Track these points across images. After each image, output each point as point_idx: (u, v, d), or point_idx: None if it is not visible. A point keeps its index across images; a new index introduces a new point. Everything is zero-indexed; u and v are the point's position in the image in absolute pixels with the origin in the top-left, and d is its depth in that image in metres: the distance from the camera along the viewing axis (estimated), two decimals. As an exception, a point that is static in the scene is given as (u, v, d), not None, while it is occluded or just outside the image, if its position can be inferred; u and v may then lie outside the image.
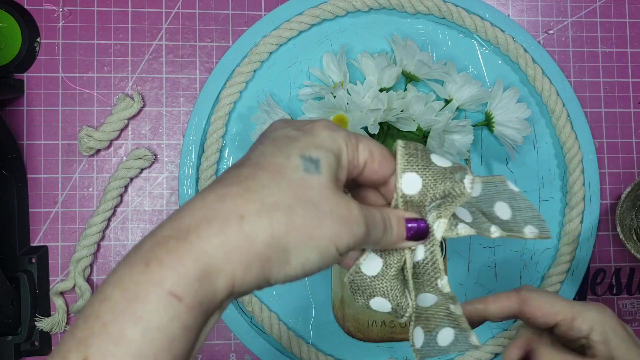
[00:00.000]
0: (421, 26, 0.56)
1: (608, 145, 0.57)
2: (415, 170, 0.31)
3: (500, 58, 0.56)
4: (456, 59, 0.55)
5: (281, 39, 0.54)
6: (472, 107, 0.53)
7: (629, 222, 0.55)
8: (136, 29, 0.54)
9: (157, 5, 0.54)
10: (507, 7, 0.58)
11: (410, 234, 0.30)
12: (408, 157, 0.31)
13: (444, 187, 0.31)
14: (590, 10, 0.58)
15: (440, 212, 0.31)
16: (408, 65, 0.51)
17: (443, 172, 0.31)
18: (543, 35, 0.58)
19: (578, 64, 0.57)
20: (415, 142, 0.32)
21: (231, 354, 0.53)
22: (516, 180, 0.55)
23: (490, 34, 0.55)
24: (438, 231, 0.31)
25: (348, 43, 0.54)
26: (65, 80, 0.53)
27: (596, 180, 0.55)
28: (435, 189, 0.31)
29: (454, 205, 0.31)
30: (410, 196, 0.31)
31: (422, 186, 0.31)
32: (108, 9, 0.54)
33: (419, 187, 0.31)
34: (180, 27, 0.54)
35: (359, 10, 0.55)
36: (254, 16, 0.55)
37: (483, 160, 0.55)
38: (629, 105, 0.58)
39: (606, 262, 0.56)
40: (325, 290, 0.53)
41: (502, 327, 0.54)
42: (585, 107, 0.57)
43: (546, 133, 0.56)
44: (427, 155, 0.31)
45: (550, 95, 0.55)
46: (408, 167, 0.31)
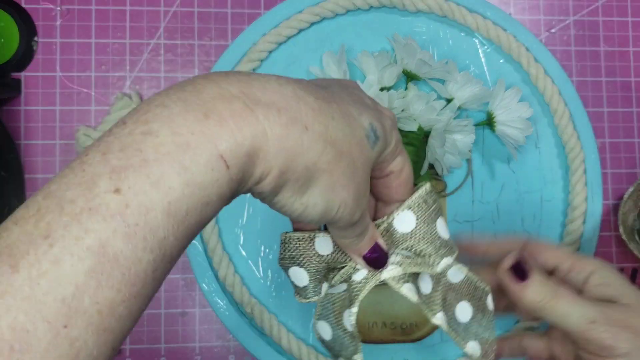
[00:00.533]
0: (422, 25, 0.55)
1: (610, 145, 0.57)
2: (417, 216, 0.31)
3: (501, 57, 0.55)
4: (457, 57, 0.55)
5: (281, 38, 0.53)
6: (473, 106, 0.52)
7: (631, 222, 0.55)
8: (134, 27, 0.54)
9: (155, 4, 0.54)
10: (508, 5, 0.57)
11: (369, 256, 0.30)
12: (422, 201, 0.31)
13: (423, 249, 0.31)
14: (592, 9, 0.58)
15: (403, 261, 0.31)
16: (409, 64, 0.51)
17: (434, 238, 0.31)
18: (545, 34, 0.57)
19: (580, 63, 0.57)
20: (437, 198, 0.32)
21: (230, 355, 0.52)
22: (518, 181, 0.54)
23: (491, 33, 0.54)
24: (387, 273, 0.31)
25: (348, 42, 0.54)
26: (63, 80, 0.53)
27: (598, 181, 0.55)
28: (417, 245, 0.31)
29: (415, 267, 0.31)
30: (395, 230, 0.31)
31: (409, 232, 0.31)
32: (106, 8, 0.54)
33: (407, 231, 0.31)
34: (179, 26, 0.54)
35: (359, 8, 0.54)
36: (253, 14, 0.55)
37: (485, 159, 0.54)
38: (631, 105, 0.57)
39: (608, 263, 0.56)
40: (325, 291, 0.52)
41: (504, 329, 0.54)
42: (588, 106, 0.56)
43: (548, 133, 0.55)
44: (436, 217, 0.31)
45: (552, 95, 0.54)
46: (415, 208, 0.31)
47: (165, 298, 0.52)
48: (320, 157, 0.23)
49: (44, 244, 0.19)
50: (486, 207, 0.54)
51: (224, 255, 0.51)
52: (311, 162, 0.23)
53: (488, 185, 0.54)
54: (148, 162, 0.20)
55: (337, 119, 0.24)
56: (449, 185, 0.54)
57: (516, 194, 0.54)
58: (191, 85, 0.22)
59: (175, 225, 0.20)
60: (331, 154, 0.24)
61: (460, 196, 0.54)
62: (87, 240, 0.19)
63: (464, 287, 0.34)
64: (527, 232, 0.54)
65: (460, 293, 0.34)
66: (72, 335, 0.19)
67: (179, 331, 0.52)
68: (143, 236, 0.20)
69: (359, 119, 0.26)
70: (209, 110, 0.21)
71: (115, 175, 0.20)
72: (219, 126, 0.21)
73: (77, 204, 0.19)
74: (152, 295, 0.21)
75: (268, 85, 0.23)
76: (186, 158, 0.20)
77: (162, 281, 0.21)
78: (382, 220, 0.31)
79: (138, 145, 0.20)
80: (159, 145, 0.20)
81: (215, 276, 0.51)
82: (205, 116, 0.21)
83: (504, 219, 0.54)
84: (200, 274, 0.51)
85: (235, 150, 0.21)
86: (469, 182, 0.54)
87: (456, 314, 0.34)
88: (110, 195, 0.19)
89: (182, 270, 0.52)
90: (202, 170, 0.20)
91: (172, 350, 0.52)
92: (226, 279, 0.51)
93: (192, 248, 0.51)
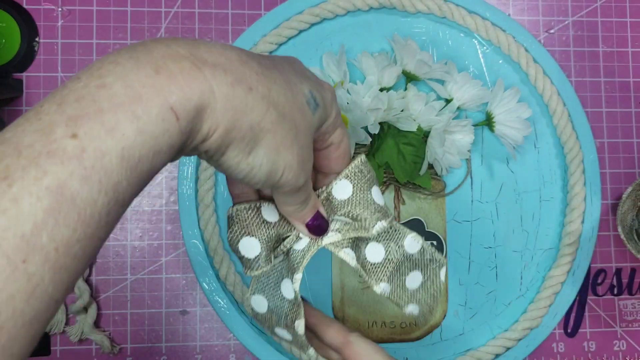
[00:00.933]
0: (421, 25, 0.55)
1: (609, 145, 0.57)
2: (353, 184, 0.33)
3: (501, 57, 0.56)
4: (457, 58, 0.55)
5: (281, 38, 0.53)
6: (472, 106, 0.52)
7: (630, 222, 0.55)
8: (135, 28, 0.54)
9: (156, 5, 0.54)
10: (507, 6, 0.57)
11: (311, 223, 0.32)
12: (358, 171, 0.33)
13: (359, 213, 0.33)
14: (591, 9, 0.58)
15: (342, 228, 0.34)
16: (408, 65, 0.51)
17: (369, 203, 0.33)
18: (544, 35, 0.57)
19: (579, 64, 0.57)
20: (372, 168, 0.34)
21: (231, 354, 0.52)
22: (517, 180, 0.55)
23: (491, 34, 0.55)
24: (327, 239, 0.34)
25: (348, 42, 0.54)
26: (64, 80, 0.53)
27: (597, 180, 0.55)
28: (353, 210, 0.33)
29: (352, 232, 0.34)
30: (333, 198, 0.33)
31: (346, 199, 0.33)
32: (107, 9, 0.54)
33: (344, 198, 0.33)
34: (180, 27, 0.54)
35: (359, 9, 0.54)
36: (253, 15, 0.55)
37: (484, 160, 0.55)
38: (630, 105, 0.57)
39: (607, 263, 0.56)
40: (325, 290, 0.53)
41: (503, 328, 0.54)
42: (586, 106, 0.57)
43: (547, 133, 0.56)
44: (371, 185, 0.34)
45: (551, 95, 0.55)
46: (351, 177, 0.33)
47: (166, 297, 0.52)
48: (264, 117, 0.25)
49: (3, 184, 0.19)
50: (485, 207, 0.54)
51: (224, 254, 0.52)
52: (255, 121, 0.24)
53: (487, 185, 0.55)
54: (103, 111, 0.21)
55: (279, 83, 0.26)
56: (448, 185, 0.54)
57: (515, 194, 0.55)
58: (142, 46, 0.23)
59: (129, 170, 0.21)
60: (274, 115, 0.25)
61: (460, 196, 0.54)
62: (45, 181, 0.20)
63: (419, 258, 0.36)
64: (526, 232, 0.55)
65: (414, 263, 0.36)
66: (30, 271, 0.19)
67: (180, 330, 0.52)
68: (98, 179, 0.21)
69: (300, 86, 0.27)
70: (159, 67, 0.22)
71: (71, 122, 0.21)
72: (169, 81, 0.22)
73: (35, 148, 0.20)
74: (104, 239, 0.22)
75: (214, 49, 0.24)
76: (138, 108, 0.21)
77: (113, 226, 0.22)
78: (321, 190, 0.33)
79: (92, 96, 0.21)
80: (113, 96, 0.21)
81: (215, 275, 0.51)
82: (156, 72, 0.22)
83: (503, 219, 0.54)
84: (201, 273, 0.51)
85: (185, 103, 0.22)
86: (468, 182, 0.54)
87: (406, 282, 0.36)
88: (68, 140, 0.20)
89: (182, 270, 0.53)
90: (153, 120, 0.22)
91: (173, 349, 0.52)
92: (227, 278, 0.51)
93: (192, 247, 0.51)
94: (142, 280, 0.52)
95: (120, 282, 0.52)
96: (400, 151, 0.51)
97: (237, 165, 0.25)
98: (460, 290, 0.54)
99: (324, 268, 0.53)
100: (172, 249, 0.53)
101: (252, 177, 0.26)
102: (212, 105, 0.23)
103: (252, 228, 0.33)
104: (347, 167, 0.33)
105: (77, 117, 0.21)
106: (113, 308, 0.52)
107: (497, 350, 0.53)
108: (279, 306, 0.35)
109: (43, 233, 0.19)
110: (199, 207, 0.52)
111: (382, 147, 0.51)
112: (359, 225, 0.34)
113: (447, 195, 0.54)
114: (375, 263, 0.35)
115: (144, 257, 0.52)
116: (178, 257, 0.53)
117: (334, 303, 0.52)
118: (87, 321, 0.50)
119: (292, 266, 0.34)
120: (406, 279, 0.36)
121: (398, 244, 0.35)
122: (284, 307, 0.35)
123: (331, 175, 0.33)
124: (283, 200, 0.31)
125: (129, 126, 0.21)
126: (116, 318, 0.52)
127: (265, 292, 0.35)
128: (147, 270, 0.52)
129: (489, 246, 0.54)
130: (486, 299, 0.54)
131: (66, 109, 0.21)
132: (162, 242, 0.53)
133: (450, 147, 0.50)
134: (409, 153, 0.51)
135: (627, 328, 0.56)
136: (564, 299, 0.54)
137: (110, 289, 0.52)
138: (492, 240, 0.54)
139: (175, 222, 0.53)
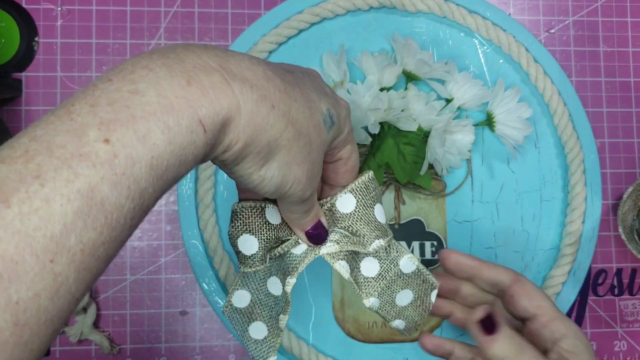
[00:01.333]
0: (422, 25, 0.55)
1: (610, 145, 0.57)
2: (357, 199, 0.34)
3: (501, 57, 0.55)
4: (457, 58, 0.55)
5: (281, 38, 0.53)
6: (473, 106, 0.52)
7: (630, 222, 0.55)
8: (135, 28, 0.54)
9: (156, 4, 0.54)
10: (508, 6, 0.57)
11: (312, 232, 0.33)
12: (364, 187, 0.34)
13: (359, 229, 0.34)
14: (591, 9, 0.58)
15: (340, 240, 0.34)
16: (409, 65, 0.51)
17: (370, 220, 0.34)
18: (544, 35, 0.57)
19: (579, 64, 0.57)
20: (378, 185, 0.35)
21: (230, 355, 0.52)
22: (518, 180, 0.55)
23: (491, 33, 0.54)
24: (325, 249, 0.35)
25: (348, 42, 0.54)
26: (63, 80, 0.53)
27: (598, 181, 0.55)
28: (354, 225, 0.34)
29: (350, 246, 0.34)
30: (336, 210, 0.34)
31: (349, 213, 0.34)
32: (106, 8, 0.54)
33: (347, 212, 0.34)
34: (179, 26, 0.54)
35: (359, 9, 0.54)
36: (253, 15, 0.55)
37: (484, 160, 0.55)
38: (630, 105, 0.57)
39: (608, 263, 0.56)
40: (325, 291, 0.52)
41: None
42: (587, 106, 0.56)
43: (547, 133, 0.55)
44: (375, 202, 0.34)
45: (551, 95, 0.54)
46: (356, 192, 0.34)
47: (166, 298, 0.52)
48: (282, 134, 0.25)
49: (35, 183, 0.20)
50: (486, 207, 0.54)
51: (224, 255, 0.51)
52: (273, 138, 0.25)
53: (488, 185, 0.54)
54: (135, 118, 0.21)
55: (300, 101, 0.27)
56: (448, 185, 0.54)
57: (516, 194, 0.55)
58: (173, 53, 0.24)
59: (156, 178, 0.22)
60: (292, 132, 0.26)
61: (460, 196, 0.54)
62: (77, 184, 0.20)
63: (413, 278, 0.37)
64: (526, 232, 0.54)
65: (407, 282, 0.37)
66: (56, 270, 0.20)
67: (180, 331, 0.52)
68: (128, 185, 0.21)
69: (318, 104, 0.28)
70: (191, 78, 0.23)
71: (104, 126, 0.21)
72: (200, 94, 0.23)
73: (67, 149, 0.20)
74: (126, 241, 0.23)
75: (242, 63, 0.25)
76: (170, 119, 0.22)
77: (135, 229, 0.23)
78: (326, 200, 0.34)
79: (125, 101, 0.22)
80: (146, 104, 0.22)
81: (215, 276, 0.51)
82: (188, 83, 0.23)
83: (503, 219, 0.54)
84: (201, 274, 0.51)
85: (213, 117, 0.23)
86: (468, 182, 0.54)
87: (396, 299, 0.36)
88: (100, 144, 0.21)
89: (182, 270, 0.52)
90: (183, 132, 0.22)
91: (173, 349, 0.52)
92: (226, 278, 0.51)
93: (192, 248, 0.51)
94: (142, 280, 0.52)
95: (119, 282, 0.52)
96: (401, 151, 0.51)
97: (249, 175, 0.26)
98: (461, 291, 0.54)
99: (323, 268, 0.52)
100: (172, 250, 0.52)
101: (262, 187, 0.27)
102: (237, 120, 0.24)
103: (254, 227, 0.33)
104: (354, 182, 0.34)
105: (109, 122, 0.21)
106: (112, 308, 0.52)
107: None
108: (263, 300, 0.36)
109: (72, 234, 0.20)
110: (199, 207, 0.52)
111: (382, 147, 0.51)
112: (357, 240, 0.34)
113: (447, 195, 0.54)
114: (368, 277, 0.36)
115: (144, 257, 0.52)
116: (177, 257, 0.52)
117: (334, 303, 0.52)
118: (86, 322, 0.50)
119: (286, 268, 0.35)
120: (396, 296, 0.37)
121: (394, 262, 0.36)
122: (269, 302, 0.35)
123: (337, 187, 0.34)
124: (287, 207, 0.32)
125: (160, 136, 0.22)
126: (116, 318, 0.52)
127: (249, 286, 0.36)
128: (146, 271, 0.52)
129: (489, 246, 0.54)
130: (487, 300, 0.54)
131: (99, 111, 0.21)
132: (162, 242, 0.52)
133: (451, 147, 0.50)
134: (409, 153, 0.51)
135: (627, 328, 0.56)
136: (565, 299, 0.54)
137: (109, 289, 0.52)
138: (492, 241, 0.54)
139: (174, 222, 0.53)
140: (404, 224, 0.53)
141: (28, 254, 0.19)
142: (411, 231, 0.53)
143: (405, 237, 0.53)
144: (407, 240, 0.53)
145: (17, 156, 0.20)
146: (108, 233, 0.21)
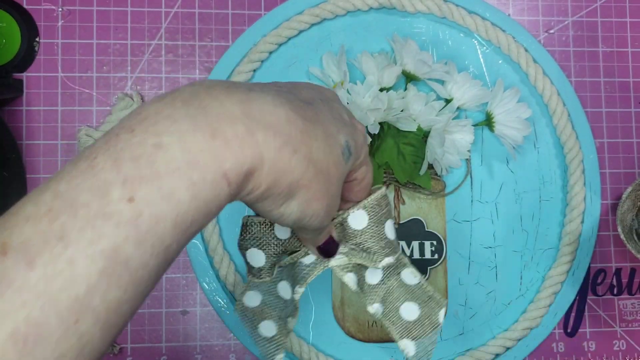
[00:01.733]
0: (421, 25, 0.55)
1: (609, 145, 0.57)
2: (369, 216, 0.34)
3: (500, 58, 0.56)
4: (456, 58, 0.55)
5: (281, 39, 0.53)
6: (472, 106, 0.53)
7: (629, 222, 0.55)
8: (135, 28, 0.54)
9: (156, 5, 0.54)
10: (507, 6, 0.57)
11: (323, 247, 0.34)
12: (376, 204, 0.34)
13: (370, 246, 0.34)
14: (591, 9, 0.58)
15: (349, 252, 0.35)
16: (408, 65, 0.51)
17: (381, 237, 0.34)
18: (544, 35, 0.57)
19: (579, 64, 0.57)
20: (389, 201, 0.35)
21: (231, 354, 0.52)
22: (517, 180, 0.55)
23: (490, 34, 0.55)
24: (334, 261, 0.35)
25: (348, 42, 0.54)
26: (64, 80, 0.53)
27: (597, 180, 0.55)
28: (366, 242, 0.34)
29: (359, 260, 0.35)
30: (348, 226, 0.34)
31: (361, 229, 0.34)
32: (107, 9, 0.54)
33: (358, 228, 0.34)
34: (180, 27, 0.54)
35: (359, 9, 0.54)
36: (253, 15, 0.55)
37: (484, 160, 0.55)
38: (629, 105, 0.57)
39: (607, 263, 0.56)
40: (325, 290, 0.53)
41: (503, 328, 0.54)
42: (586, 106, 0.57)
43: (547, 133, 0.56)
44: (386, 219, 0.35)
45: (551, 95, 0.55)
46: (369, 209, 0.34)
47: (166, 297, 0.52)
48: (302, 175, 0.26)
49: (59, 244, 0.20)
50: (485, 207, 0.54)
51: (224, 254, 0.52)
52: (295, 180, 0.25)
53: (487, 185, 0.55)
54: (160, 175, 0.21)
55: (320, 139, 0.27)
56: (448, 185, 0.54)
57: (515, 194, 0.55)
58: (197, 100, 0.23)
59: (180, 234, 0.22)
60: (312, 172, 0.26)
61: (459, 196, 0.54)
62: (101, 245, 0.20)
63: (416, 290, 0.37)
64: (525, 232, 0.55)
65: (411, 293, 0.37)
66: (81, 330, 0.20)
67: (180, 330, 0.52)
68: (152, 244, 0.21)
69: (337, 136, 0.28)
70: (215, 131, 0.23)
71: (128, 184, 0.21)
72: (224, 147, 0.23)
73: (91, 208, 0.20)
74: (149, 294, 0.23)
75: (265, 107, 0.25)
76: (195, 175, 0.22)
77: (159, 280, 0.23)
78: (337, 215, 0.34)
79: (149, 157, 0.21)
80: (171, 160, 0.22)
81: (216, 275, 0.51)
82: (213, 136, 0.22)
83: (502, 219, 0.54)
84: (201, 273, 0.51)
85: (237, 170, 0.23)
86: (468, 182, 0.54)
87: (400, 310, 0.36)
88: (124, 203, 0.21)
89: (182, 270, 0.53)
90: (208, 187, 0.22)
91: (173, 349, 0.52)
92: (227, 278, 0.51)
93: (192, 247, 0.51)
94: (142, 280, 0.52)
95: (120, 282, 0.52)
96: (400, 151, 0.51)
97: (269, 212, 0.27)
98: (460, 290, 0.54)
99: (324, 268, 0.53)
100: (172, 249, 0.53)
101: (281, 221, 0.28)
102: (260, 169, 0.24)
103: (262, 242, 0.34)
104: (367, 199, 0.34)
105: (133, 179, 0.21)
106: (113, 308, 0.52)
107: (497, 350, 0.53)
108: (273, 302, 0.36)
109: (96, 295, 0.20)
110: (199, 207, 0.52)
111: (382, 147, 0.51)
112: (367, 257, 0.34)
113: (447, 195, 0.54)
114: (371, 284, 0.36)
115: (144, 257, 0.52)
116: (178, 257, 0.53)
117: (334, 303, 0.52)
118: (87, 321, 0.50)
119: (295, 276, 0.36)
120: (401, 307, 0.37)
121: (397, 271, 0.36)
122: (279, 304, 0.36)
123: (350, 202, 0.34)
124: (302, 231, 0.33)
125: (184, 193, 0.22)
126: (116, 318, 0.52)
127: (260, 288, 0.36)
128: (147, 270, 0.52)
129: (488, 246, 0.54)
130: (486, 299, 0.54)
131: (122, 167, 0.21)
132: (162, 242, 0.53)
133: (450, 147, 0.50)
134: (409, 153, 0.51)
135: (626, 328, 0.56)
136: (564, 298, 0.54)
137: (110, 289, 0.52)
138: (492, 240, 0.54)
139: (175, 222, 0.53)
140: (403, 224, 0.53)
141: (53, 316, 0.19)
142: (411, 231, 0.53)
143: (404, 237, 0.53)
144: (406, 240, 0.53)
145: (41, 215, 0.20)
146: (132, 290, 0.21)
